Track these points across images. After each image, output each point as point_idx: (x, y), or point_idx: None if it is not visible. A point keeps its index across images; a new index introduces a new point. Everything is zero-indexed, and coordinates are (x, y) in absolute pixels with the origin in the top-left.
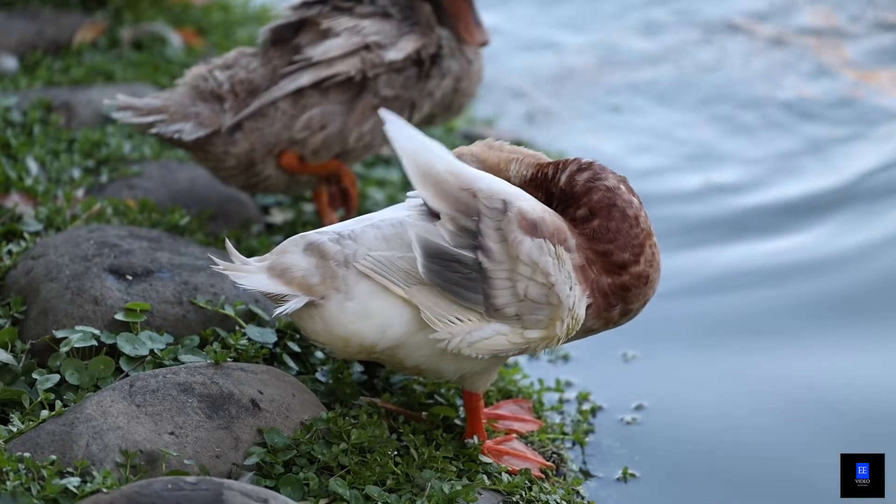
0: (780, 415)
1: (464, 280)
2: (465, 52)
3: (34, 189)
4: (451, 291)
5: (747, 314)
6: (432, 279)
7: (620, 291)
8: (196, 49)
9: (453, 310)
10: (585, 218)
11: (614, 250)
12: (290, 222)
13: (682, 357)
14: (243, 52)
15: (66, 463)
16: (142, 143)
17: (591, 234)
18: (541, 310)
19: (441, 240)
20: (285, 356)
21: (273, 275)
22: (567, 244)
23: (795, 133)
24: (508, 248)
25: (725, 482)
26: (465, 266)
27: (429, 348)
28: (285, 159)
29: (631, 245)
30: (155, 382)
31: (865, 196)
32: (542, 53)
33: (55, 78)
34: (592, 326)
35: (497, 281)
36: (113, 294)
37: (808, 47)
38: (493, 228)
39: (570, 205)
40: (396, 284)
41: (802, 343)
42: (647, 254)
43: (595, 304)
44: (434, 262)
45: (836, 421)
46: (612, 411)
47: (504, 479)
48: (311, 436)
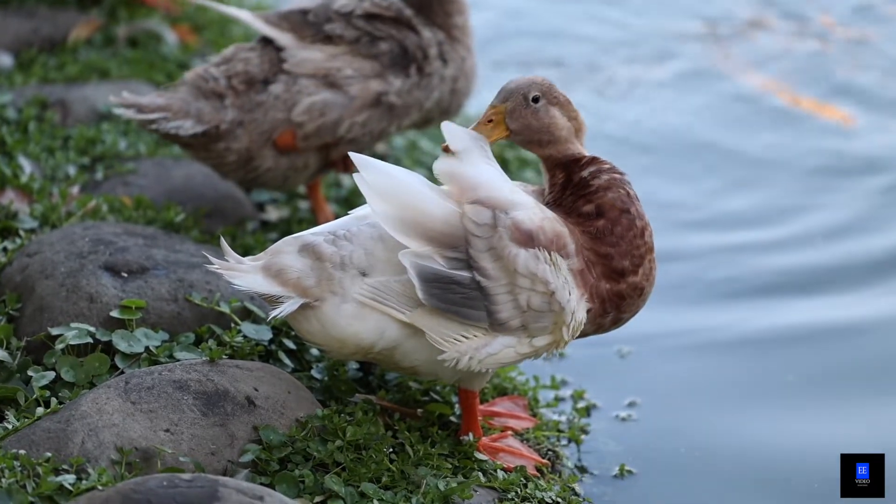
0: (777, 413)
1: (465, 300)
2: (458, 49)
3: (29, 186)
4: (453, 312)
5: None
6: (433, 303)
7: (616, 299)
8: (191, 46)
9: (457, 328)
10: (592, 215)
11: (615, 255)
12: (285, 219)
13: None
14: (241, 47)
15: (62, 460)
16: (137, 141)
17: (595, 232)
18: (544, 317)
19: (436, 264)
20: (281, 353)
21: (268, 275)
22: (566, 250)
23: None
24: (505, 264)
25: (721, 479)
26: (463, 286)
27: (426, 351)
28: (282, 139)
29: (632, 255)
30: (150, 380)
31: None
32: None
33: (50, 75)
34: (585, 331)
35: (498, 297)
36: (108, 291)
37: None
38: (485, 249)
39: (581, 196)
40: (397, 310)
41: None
42: (645, 267)
43: (593, 309)
44: (433, 286)
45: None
46: (608, 408)
47: (499, 476)
48: (306, 433)
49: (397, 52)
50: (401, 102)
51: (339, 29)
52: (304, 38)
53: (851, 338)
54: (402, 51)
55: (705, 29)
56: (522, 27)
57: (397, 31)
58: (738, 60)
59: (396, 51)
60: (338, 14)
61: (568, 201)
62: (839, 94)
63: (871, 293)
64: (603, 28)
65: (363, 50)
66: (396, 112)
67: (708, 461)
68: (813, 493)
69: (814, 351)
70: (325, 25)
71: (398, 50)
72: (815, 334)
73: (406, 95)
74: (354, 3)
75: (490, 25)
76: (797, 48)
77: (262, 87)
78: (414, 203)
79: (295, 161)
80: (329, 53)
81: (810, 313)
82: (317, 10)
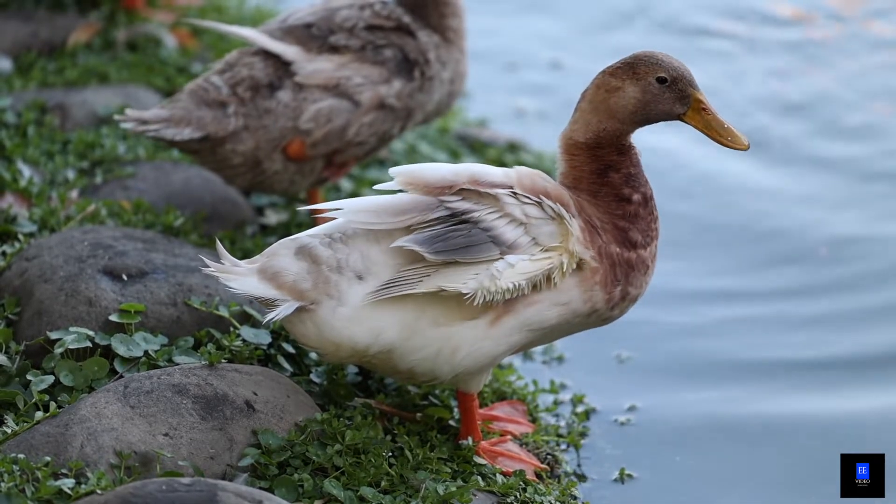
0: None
1: (467, 238)
2: (452, 52)
3: (28, 190)
4: (462, 254)
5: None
6: (443, 256)
7: (626, 267)
8: (191, 50)
9: (473, 270)
10: (627, 198)
11: (631, 229)
12: (284, 223)
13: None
14: (244, 52)
15: (61, 464)
16: (136, 145)
17: (623, 214)
18: (547, 223)
19: (426, 229)
20: (280, 357)
21: (263, 278)
22: (562, 200)
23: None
24: (483, 198)
25: (722, 482)
26: (460, 229)
27: (423, 351)
28: (293, 148)
29: (644, 233)
30: (149, 384)
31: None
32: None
33: (49, 79)
34: (597, 307)
35: (494, 221)
36: (107, 295)
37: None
38: (459, 199)
39: (622, 167)
40: (410, 286)
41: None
42: (653, 248)
43: (603, 271)
44: (435, 242)
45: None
46: (607, 413)
47: (499, 480)
48: (305, 437)
49: (401, 58)
50: (407, 106)
51: (344, 39)
52: (310, 49)
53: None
54: (404, 56)
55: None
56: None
57: (398, 37)
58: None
59: (399, 56)
60: (341, 27)
61: (606, 157)
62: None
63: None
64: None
65: (370, 57)
66: (402, 115)
67: (708, 465)
68: (814, 490)
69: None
70: (330, 37)
71: (401, 55)
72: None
73: (410, 99)
74: (356, 16)
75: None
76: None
77: (268, 92)
78: (378, 200)
79: (303, 166)
80: (337, 63)
81: (808, 337)
82: (319, 24)
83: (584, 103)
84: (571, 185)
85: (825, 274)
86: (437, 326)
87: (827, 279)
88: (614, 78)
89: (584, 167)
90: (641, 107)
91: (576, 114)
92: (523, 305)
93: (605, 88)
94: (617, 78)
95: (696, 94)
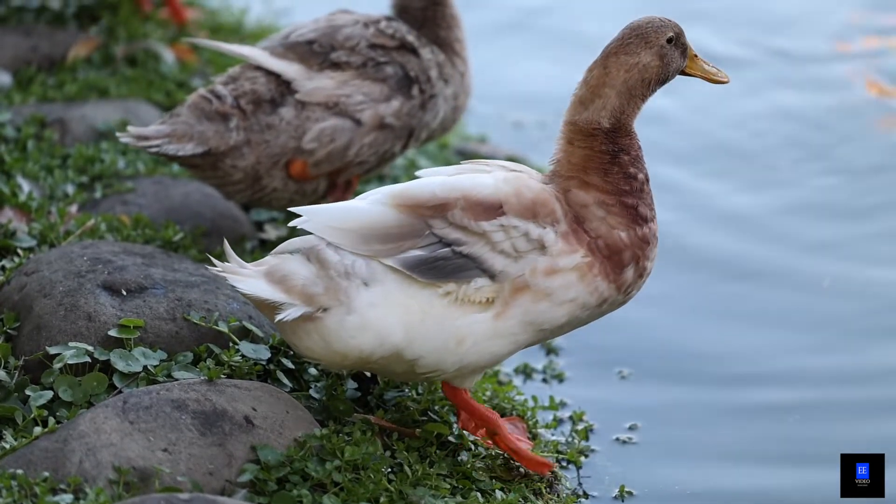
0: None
1: (457, 268)
2: (458, 64)
3: (28, 205)
4: (454, 278)
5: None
6: (432, 280)
7: (641, 244)
8: (190, 65)
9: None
10: (630, 172)
11: (639, 204)
12: (284, 238)
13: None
14: (247, 66)
15: (59, 480)
16: (135, 159)
17: (630, 190)
18: (536, 251)
19: (415, 250)
20: (279, 373)
21: (272, 281)
22: (554, 216)
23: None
24: (473, 231)
25: (722, 501)
26: (448, 259)
27: (432, 343)
28: (295, 169)
29: (650, 207)
30: (148, 399)
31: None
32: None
33: (49, 94)
34: (604, 295)
35: (483, 255)
36: (106, 310)
37: None
38: (446, 225)
39: (631, 149)
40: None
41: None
42: (653, 225)
43: (598, 264)
44: (424, 268)
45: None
46: (607, 430)
47: (498, 496)
48: (304, 453)
49: (402, 75)
50: (407, 124)
51: (345, 56)
52: (311, 66)
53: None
54: (405, 73)
55: None
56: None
57: (399, 55)
58: None
59: (401, 73)
60: (343, 45)
61: (614, 138)
62: None
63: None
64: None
65: (371, 73)
66: (402, 134)
67: (708, 484)
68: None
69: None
70: (332, 54)
71: (402, 73)
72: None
73: (411, 118)
74: (359, 34)
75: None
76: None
77: (270, 107)
78: (365, 217)
79: (304, 185)
80: (338, 80)
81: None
82: (321, 40)
83: (606, 88)
84: (574, 173)
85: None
86: (442, 322)
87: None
88: (628, 55)
89: (598, 150)
90: (661, 71)
91: (597, 100)
92: (530, 302)
93: (624, 69)
94: (631, 54)
95: (689, 45)
